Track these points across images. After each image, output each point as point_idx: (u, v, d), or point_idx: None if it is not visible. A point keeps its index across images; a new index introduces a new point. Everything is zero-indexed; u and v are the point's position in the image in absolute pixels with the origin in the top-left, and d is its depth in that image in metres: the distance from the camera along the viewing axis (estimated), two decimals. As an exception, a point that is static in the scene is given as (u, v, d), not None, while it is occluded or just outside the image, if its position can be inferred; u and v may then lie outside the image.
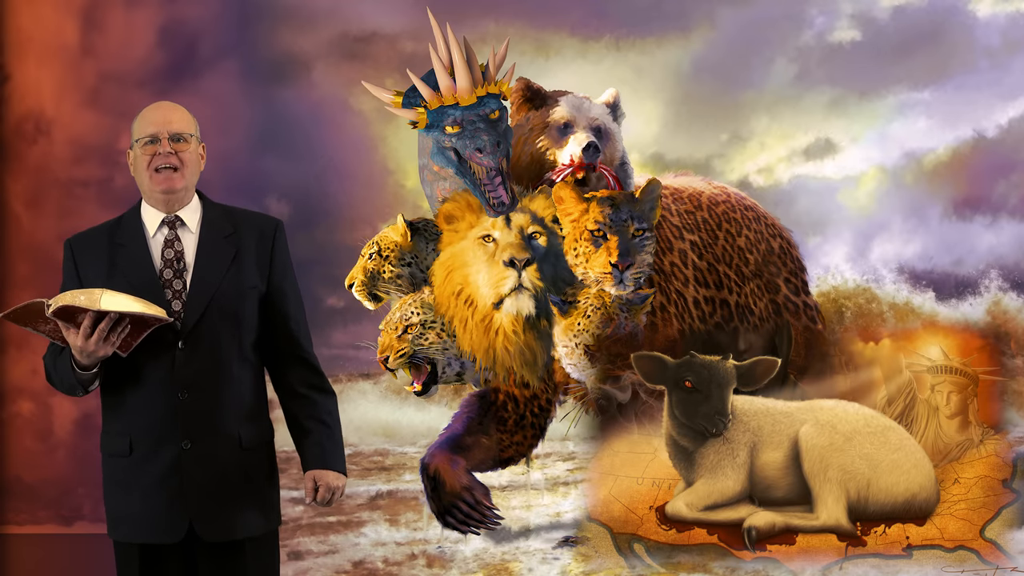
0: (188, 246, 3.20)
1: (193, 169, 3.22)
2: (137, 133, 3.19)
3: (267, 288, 3.23)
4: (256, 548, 3.21)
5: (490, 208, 4.05)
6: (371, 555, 4.68)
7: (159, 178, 3.17)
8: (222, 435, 3.15)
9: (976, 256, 4.89)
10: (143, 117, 3.21)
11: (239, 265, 3.20)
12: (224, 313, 3.16)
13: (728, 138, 5.08)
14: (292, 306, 3.27)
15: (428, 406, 4.79)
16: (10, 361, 5.22)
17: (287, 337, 3.27)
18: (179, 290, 3.16)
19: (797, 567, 4.08)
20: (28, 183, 5.25)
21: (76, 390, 3.15)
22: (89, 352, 3.03)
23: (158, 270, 3.17)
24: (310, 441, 3.26)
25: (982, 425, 4.19)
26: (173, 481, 3.12)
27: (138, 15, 5.23)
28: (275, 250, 3.26)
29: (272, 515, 3.27)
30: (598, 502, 4.19)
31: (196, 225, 3.22)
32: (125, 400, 3.15)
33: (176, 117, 3.20)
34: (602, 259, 4.07)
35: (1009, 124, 4.98)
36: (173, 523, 3.13)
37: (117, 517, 3.19)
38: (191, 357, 3.13)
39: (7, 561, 5.17)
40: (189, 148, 3.19)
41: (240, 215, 3.28)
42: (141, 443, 3.13)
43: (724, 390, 4.06)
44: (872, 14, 5.06)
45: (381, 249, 4.28)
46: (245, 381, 3.20)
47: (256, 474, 3.21)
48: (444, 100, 4.02)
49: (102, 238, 3.22)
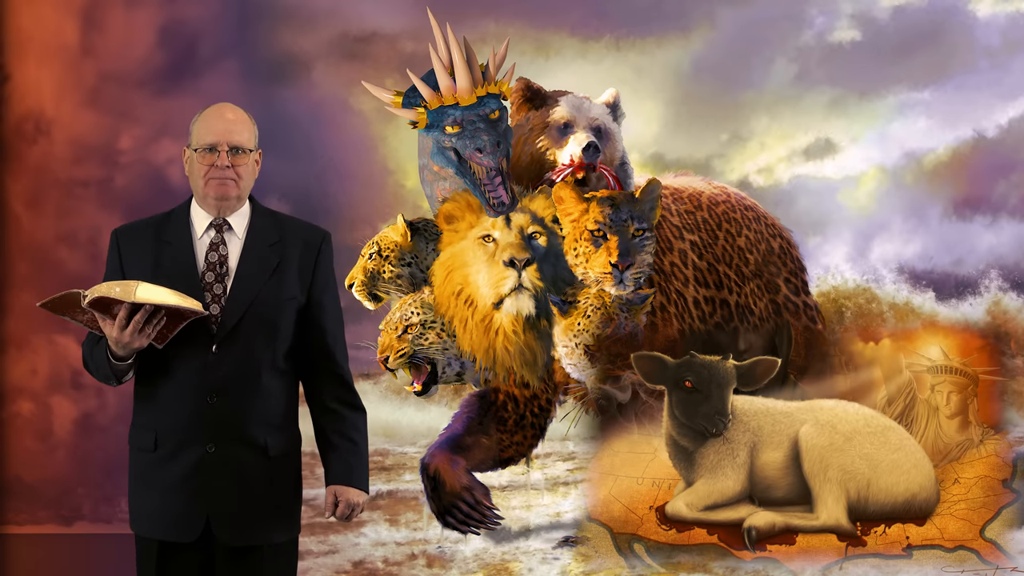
0: (233, 251, 3.20)
1: (248, 180, 3.22)
2: (196, 140, 3.18)
3: (307, 300, 3.22)
4: (275, 555, 3.21)
5: (490, 208, 4.05)
6: (371, 555, 4.68)
7: (214, 184, 3.17)
8: (248, 441, 3.15)
9: (976, 256, 4.89)
10: (205, 123, 3.19)
11: (281, 275, 3.19)
12: (261, 321, 3.15)
13: (728, 138, 5.08)
14: (330, 320, 3.26)
15: (428, 406, 4.79)
16: (10, 361, 5.22)
17: (322, 350, 3.26)
18: (219, 294, 3.15)
19: (797, 567, 4.08)
20: (28, 183, 5.24)
21: (110, 380, 3.15)
22: (124, 343, 3.04)
23: (200, 272, 3.17)
24: (336, 456, 3.25)
25: (982, 425, 4.20)
26: (194, 482, 3.12)
27: (138, 15, 5.23)
28: (319, 262, 3.25)
29: (293, 524, 3.27)
30: (598, 502, 4.19)
31: (243, 231, 3.22)
32: (156, 397, 3.16)
33: (238, 128, 3.19)
34: (602, 259, 4.07)
35: (1009, 124, 4.98)
36: (189, 522, 3.13)
37: (138, 511, 3.20)
38: (223, 361, 3.13)
39: (7, 561, 5.17)
40: (247, 160, 3.20)
41: (288, 224, 3.27)
42: (167, 441, 3.14)
43: (724, 390, 4.06)
44: (872, 14, 5.06)
45: (381, 249, 4.28)
46: (276, 390, 3.19)
47: (279, 483, 3.21)
48: (444, 100, 4.02)
49: (149, 232, 3.21)
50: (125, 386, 3.25)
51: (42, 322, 5.10)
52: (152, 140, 5.13)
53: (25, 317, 5.16)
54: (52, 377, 5.21)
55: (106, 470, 5.07)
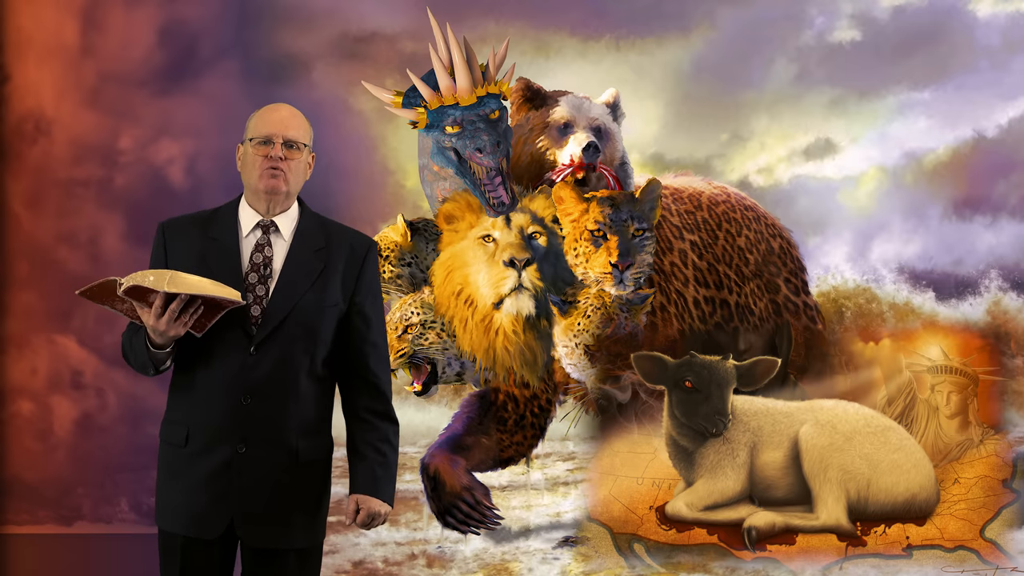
0: (278, 253, 3.19)
1: (299, 177, 3.22)
2: (252, 132, 3.20)
3: (348, 308, 3.21)
4: (300, 560, 3.19)
5: (490, 208, 4.05)
6: (371, 555, 4.68)
7: (266, 175, 3.17)
8: (279, 445, 3.13)
9: (976, 256, 4.89)
10: (261, 117, 3.20)
11: (324, 281, 3.18)
12: (301, 326, 3.14)
13: (728, 138, 5.08)
14: (371, 329, 3.24)
15: (428, 406, 4.79)
16: (10, 361, 5.22)
17: (360, 359, 3.23)
18: (261, 296, 3.15)
19: (797, 567, 4.08)
20: (28, 183, 5.24)
21: (148, 368, 3.14)
22: (161, 331, 3.04)
23: (244, 272, 3.16)
24: (363, 466, 3.23)
25: (982, 425, 4.20)
26: (221, 481, 3.12)
27: (138, 15, 5.24)
28: (364, 271, 3.23)
29: (318, 530, 3.25)
30: (598, 502, 4.19)
31: (290, 234, 3.21)
32: (191, 392, 3.16)
33: (294, 124, 3.20)
34: (602, 259, 4.07)
35: (1009, 124, 4.98)
36: (212, 520, 3.12)
37: (163, 505, 3.19)
38: (260, 364, 3.12)
39: (7, 561, 5.17)
40: (300, 157, 3.20)
41: (335, 230, 3.26)
42: (197, 438, 3.14)
43: (724, 390, 4.06)
44: (872, 14, 5.06)
45: (381, 249, 4.28)
46: (311, 395, 3.18)
47: (307, 488, 3.19)
48: (444, 100, 4.02)
49: (196, 227, 3.21)
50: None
51: (42, 322, 5.11)
52: (152, 140, 5.13)
53: (25, 317, 5.16)
54: (52, 377, 5.21)
55: (106, 470, 5.06)
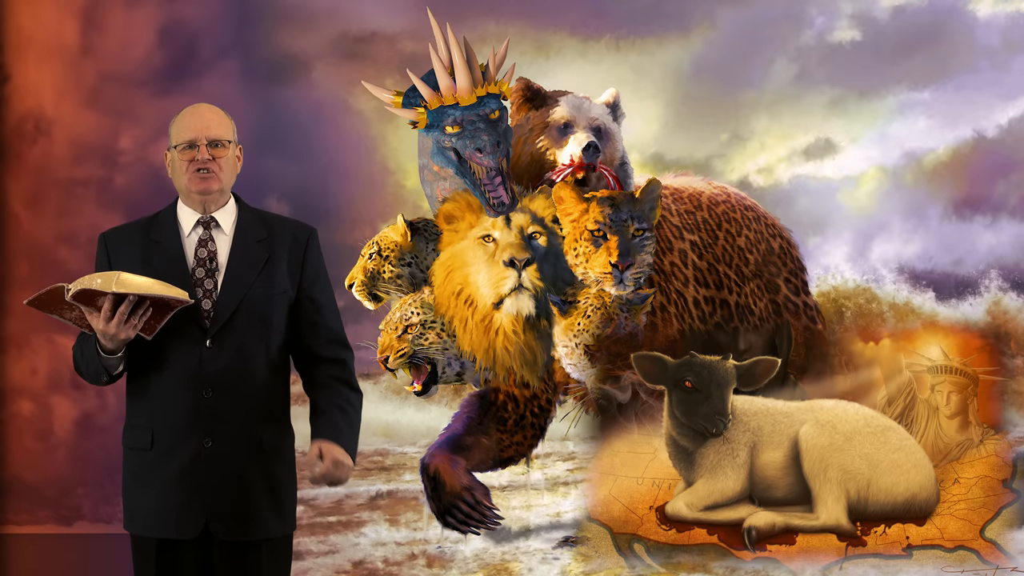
0: (221, 247, 3.24)
1: (229, 173, 3.27)
2: (176, 138, 3.24)
3: (297, 294, 3.27)
4: (272, 550, 3.23)
5: (490, 208, 4.05)
6: (371, 555, 4.68)
7: (196, 178, 3.22)
8: (243, 435, 3.17)
9: (976, 256, 4.90)
10: (181, 122, 3.25)
11: (270, 270, 3.23)
12: (253, 315, 3.19)
13: (728, 138, 5.08)
14: (321, 314, 3.29)
15: (428, 406, 4.79)
16: (10, 361, 5.22)
17: (314, 342, 3.28)
18: (210, 289, 3.19)
19: (797, 567, 4.08)
20: (28, 183, 5.25)
21: (101, 376, 3.17)
22: (111, 335, 3.06)
23: (190, 268, 3.20)
24: (326, 420, 3.26)
25: (982, 425, 4.19)
26: (192, 478, 3.14)
27: (138, 15, 5.24)
28: (307, 257, 3.29)
29: (289, 519, 3.29)
30: (598, 502, 4.19)
31: (230, 227, 3.26)
32: (150, 395, 3.18)
33: (215, 123, 3.24)
34: (602, 259, 4.07)
35: (1009, 124, 4.98)
36: (189, 519, 3.14)
37: (134, 510, 3.22)
38: (218, 356, 3.15)
39: (7, 561, 5.17)
40: (227, 154, 3.25)
41: (274, 221, 3.32)
42: (163, 438, 3.16)
43: (724, 390, 4.06)
44: (872, 14, 5.06)
45: (381, 249, 4.28)
46: (269, 384, 3.22)
47: (274, 477, 3.22)
48: (444, 100, 4.02)
49: (137, 234, 3.26)
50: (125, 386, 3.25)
51: (42, 322, 5.10)
52: (152, 140, 5.13)
53: (25, 317, 5.17)
54: (52, 377, 5.21)
55: (106, 470, 5.07)
